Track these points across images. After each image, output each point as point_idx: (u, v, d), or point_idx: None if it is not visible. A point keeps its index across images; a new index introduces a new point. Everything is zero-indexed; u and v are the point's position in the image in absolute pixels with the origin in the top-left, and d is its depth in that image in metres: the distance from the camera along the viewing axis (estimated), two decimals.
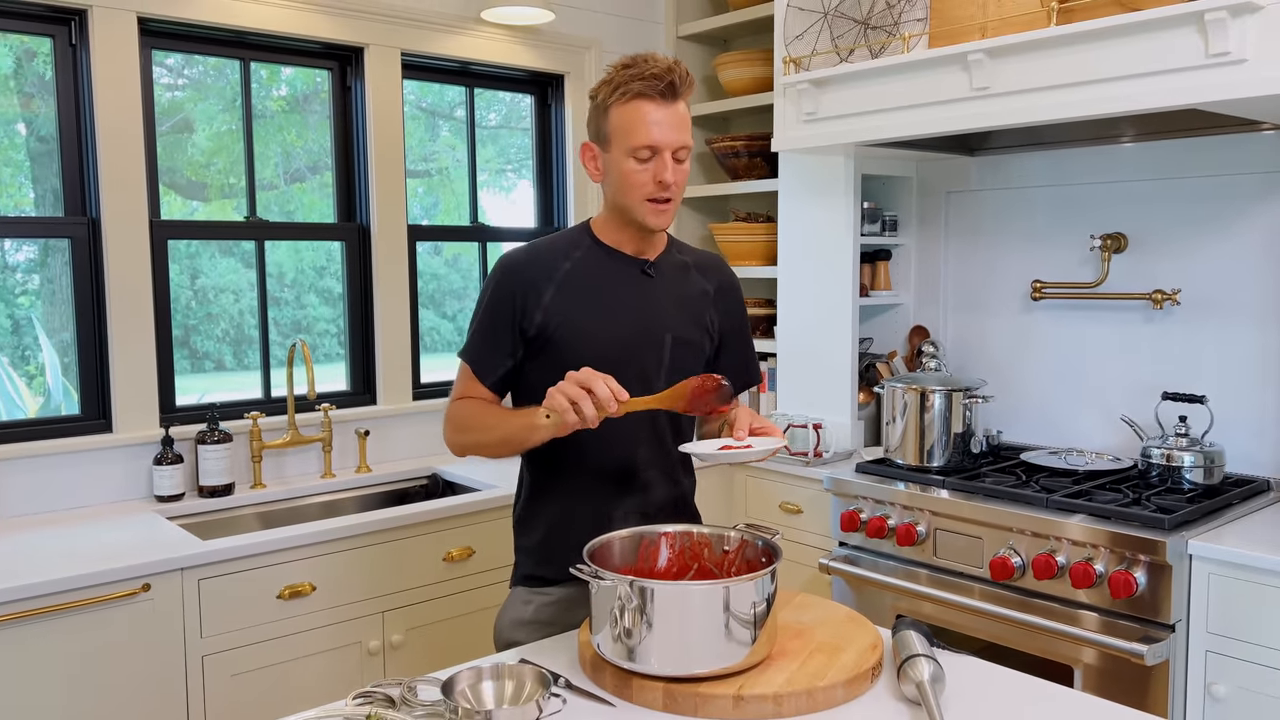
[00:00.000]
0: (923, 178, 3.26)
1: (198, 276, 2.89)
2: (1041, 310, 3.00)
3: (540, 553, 1.76)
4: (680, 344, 1.75)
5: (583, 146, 1.72)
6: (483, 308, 1.73)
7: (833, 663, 1.42)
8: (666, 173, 1.63)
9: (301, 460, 2.90)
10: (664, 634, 1.35)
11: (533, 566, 1.77)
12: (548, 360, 1.68)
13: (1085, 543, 2.28)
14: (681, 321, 1.77)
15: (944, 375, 2.87)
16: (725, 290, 1.86)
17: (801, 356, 3.24)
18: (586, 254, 1.74)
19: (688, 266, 1.82)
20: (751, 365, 1.93)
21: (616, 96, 1.63)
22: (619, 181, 1.66)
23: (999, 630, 2.43)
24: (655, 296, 1.74)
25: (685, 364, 1.75)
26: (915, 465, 2.78)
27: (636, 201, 1.65)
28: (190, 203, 2.89)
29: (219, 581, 2.22)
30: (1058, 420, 2.97)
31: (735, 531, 1.58)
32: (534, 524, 1.78)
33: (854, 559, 2.74)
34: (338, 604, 2.39)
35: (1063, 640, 2.31)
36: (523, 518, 1.81)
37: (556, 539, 1.73)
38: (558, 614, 1.73)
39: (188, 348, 2.87)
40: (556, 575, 1.73)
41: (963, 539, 2.51)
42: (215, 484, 2.66)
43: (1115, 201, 2.82)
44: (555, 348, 1.68)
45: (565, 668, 1.50)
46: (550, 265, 1.71)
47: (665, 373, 1.73)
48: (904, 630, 1.51)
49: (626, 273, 1.73)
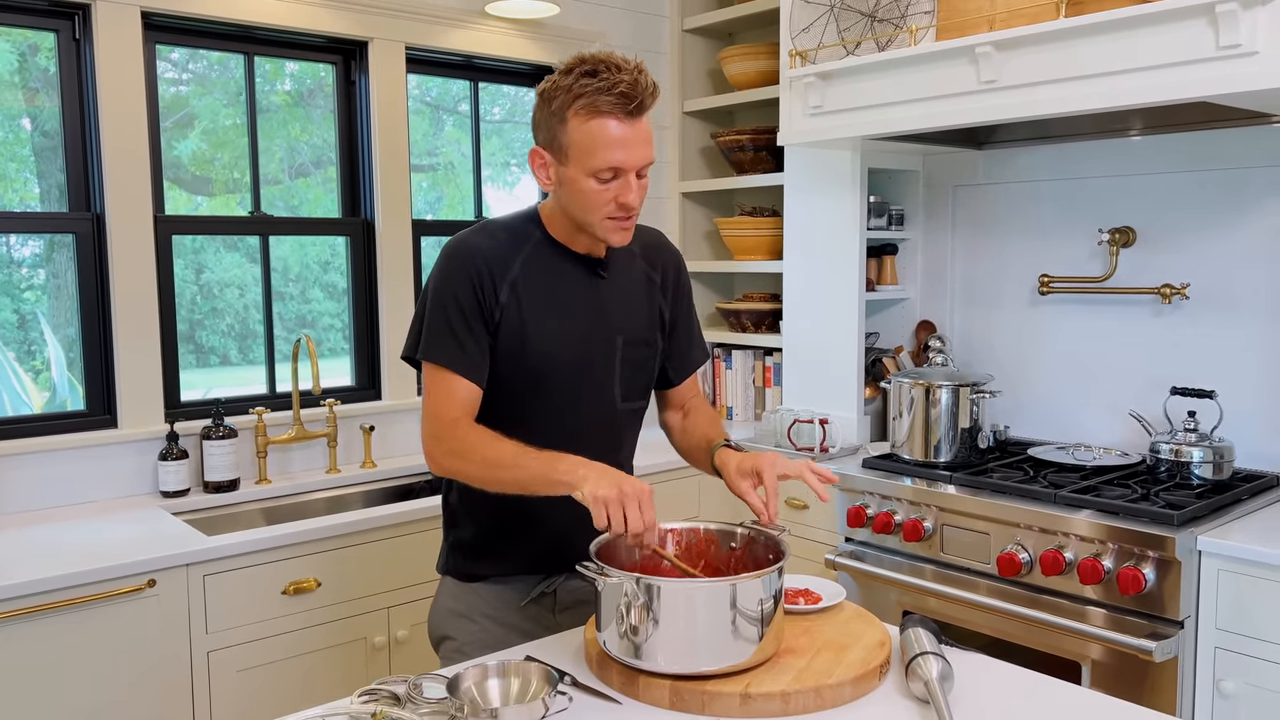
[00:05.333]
0: (929, 171, 3.24)
1: (203, 271, 2.89)
2: (1049, 305, 2.99)
3: (471, 550, 1.71)
4: (632, 345, 1.70)
5: (531, 153, 1.58)
6: (446, 299, 1.56)
7: (840, 660, 1.42)
8: (631, 194, 1.52)
9: (306, 456, 2.89)
10: (670, 632, 1.34)
11: (462, 561, 1.72)
12: (492, 362, 1.59)
13: (1093, 539, 2.27)
14: (634, 321, 1.70)
15: (951, 370, 2.86)
16: (671, 273, 1.78)
17: (807, 351, 3.23)
18: (537, 249, 1.63)
19: (633, 255, 1.73)
20: (697, 346, 1.86)
21: (578, 109, 1.48)
22: (577, 199, 1.54)
23: (1006, 626, 2.42)
24: (607, 297, 1.66)
25: (638, 364, 1.71)
26: (922, 460, 2.76)
27: (597, 221, 1.55)
28: (195, 198, 2.89)
29: (224, 577, 2.22)
30: (1065, 416, 2.95)
31: (742, 529, 1.57)
32: (466, 519, 1.71)
33: (860, 555, 2.73)
34: (343, 600, 2.39)
35: (1070, 637, 2.30)
36: (454, 509, 1.73)
37: (489, 540, 1.69)
38: (491, 608, 1.69)
39: (193, 343, 2.87)
40: (487, 573, 1.70)
41: (970, 535, 2.50)
42: (220, 480, 2.65)
43: (1124, 195, 2.81)
44: (502, 349, 1.59)
45: (571, 664, 1.49)
46: (507, 256, 1.60)
47: (619, 375, 1.68)
48: (912, 627, 1.50)
49: (578, 272, 1.64)
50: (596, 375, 1.66)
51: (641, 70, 1.51)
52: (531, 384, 1.61)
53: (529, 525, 1.63)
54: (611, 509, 1.37)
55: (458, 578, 1.72)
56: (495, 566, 1.69)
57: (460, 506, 1.72)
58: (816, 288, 3.18)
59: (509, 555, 1.68)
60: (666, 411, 1.86)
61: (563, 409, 1.64)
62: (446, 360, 1.57)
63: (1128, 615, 2.22)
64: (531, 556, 1.69)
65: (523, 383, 1.61)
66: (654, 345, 1.74)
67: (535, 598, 1.71)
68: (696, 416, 1.81)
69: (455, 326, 1.57)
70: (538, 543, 1.67)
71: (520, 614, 1.70)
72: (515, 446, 1.50)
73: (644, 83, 1.50)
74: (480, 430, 1.55)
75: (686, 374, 1.84)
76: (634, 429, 1.77)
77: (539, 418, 1.63)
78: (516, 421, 1.58)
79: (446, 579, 1.74)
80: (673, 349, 1.80)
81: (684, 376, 1.83)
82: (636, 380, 1.72)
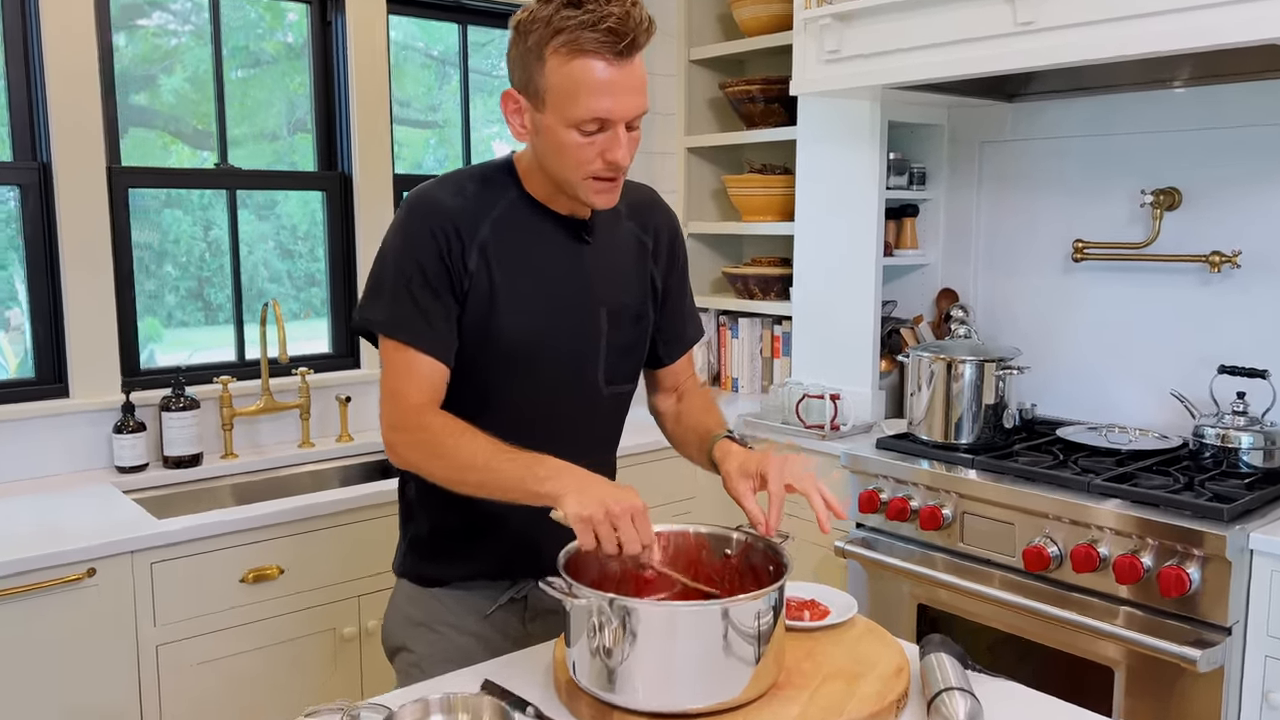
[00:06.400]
0: (955, 126, 2.98)
1: (210, 228, 2.77)
2: (1083, 273, 2.74)
3: (430, 550, 1.50)
4: (618, 317, 1.48)
5: (504, 96, 1.36)
6: (407, 264, 1.35)
7: (851, 692, 1.21)
8: (619, 150, 1.31)
9: (277, 429, 2.69)
10: (650, 662, 1.14)
11: (418, 562, 1.52)
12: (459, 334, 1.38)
13: (1130, 533, 2.05)
14: (620, 290, 1.48)
15: (974, 343, 2.63)
16: (665, 237, 1.55)
17: (819, 320, 3.00)
18: (512, 207, 1.40)
19: (620, 216, 1.51)
20: (692, 321, 1.64)
21: (558, 47, 1.26)
22: (555, 152, 1.32)
23: (1031, 626, 2.21)
24: (591, 265, 1.44)
25: (626, 342, 1.49)
26: (941, 442, 2.54)
27: (578, 179, 1.33)
28: (200, 153, 2.73)
29: (174, 565, 2.03)
30: (1098, 394, 2.72)
31: (738, 534, 1.35)
32: (423, 515, 1.51)
33: (872, 542, 2.52)
34: (309, 588, 2.20)
35: (1103, 640, 2.09)
36: (410, 503, 1.53)
37: (449, 539, 1.48)
38: (452, 616, 1.49)
39: (201, 299, 2.74)
40: (448, 576, 1.50)
41: (993, 524, 2.28)
42: (181, 454, 2.46)
43: (1168, 153, 2.55)
44: (468, 324, 1.37)
45: (539, 689, 1.29)
46: (476, 215, 1.38)
47: (603, 355, 1.47)
48: (934, 651, 1.29)
49: (558, 236, 1.42)
50: (577, 355, 1.45)
51: (635, 2, 1.28)
52: (500, 365, 1.40)
53: (495, 524, 1.42)
54: (599, 530, 1.17)
55: (415, 581, 1.51)
56: (457, 569, 1.49)
57: (417, 500, 1.51)
58: (830, 252, 2.94)
59: (472, 557, 1.48)
60: (657, 395, 1.64)
61: (537, 395, 1.43)
62: (410, 336, 1.35)
63: (1169, 619, 2.01)
64: (498, 559, 1.48)
65: (490, 364, 1.40)
66: (644, 320, 1.52)
67: (503, 605, 1.50)
68: (691, 401, 1.59)
69: (419, 297, 1.35)
70: (504, 544, 1.46)
71: (486, 623, 1.49)
72: (489, 445, 1.28)
73: (637, 17, 1.27)
74: (448, 421, 1.33)
75: (680, 353, 1.62)
76: (619, 417, 1.55)
77: (508, 404, 1.42)
78: (481, 408, 1.37)
79: (403, 582, 1.53)
80: (665, 324, 1.58)
81: (677, 355, 1.61)
82: (623, 361, 1.50)
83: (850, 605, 1.43)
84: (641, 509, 1.18)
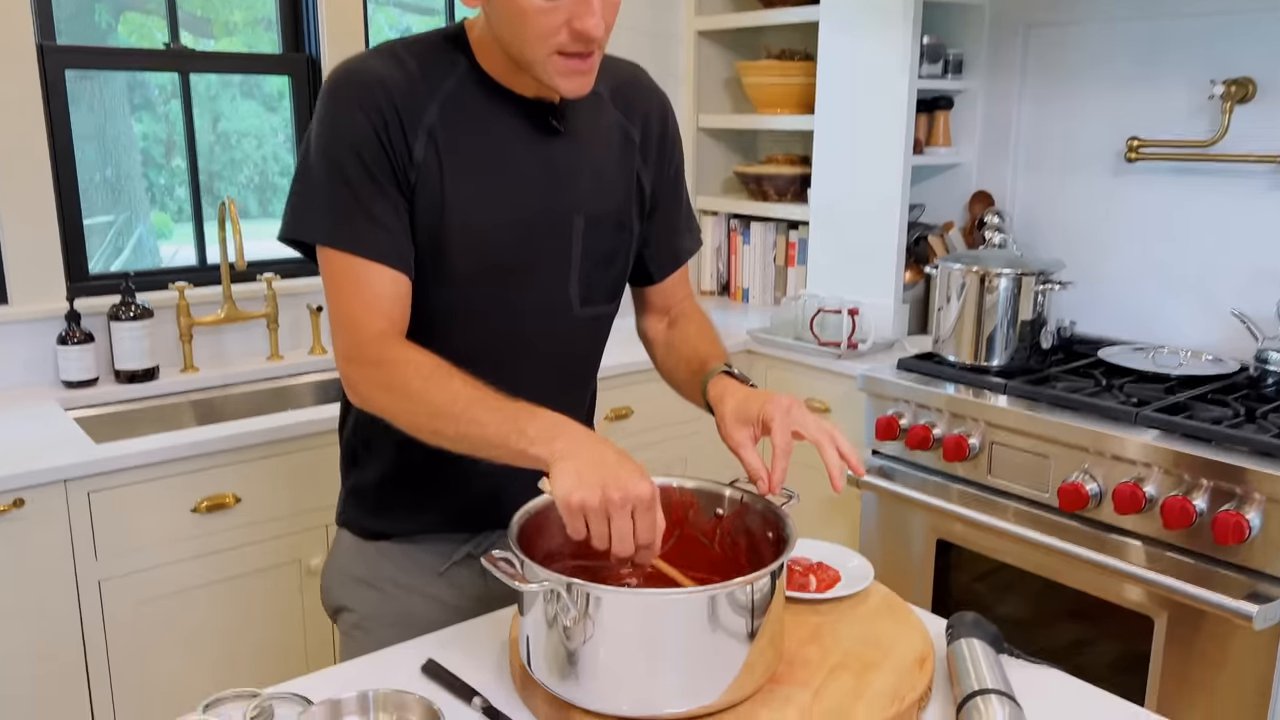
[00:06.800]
0: (998, 7, 2.65)
1: (219, 120, 2.63)
2: (1137, 174, 2.45)
3: (376, 500, 1.29)
4: (597, 226, 1.22)
5: None
6: (341, 153, 1.09)
7: (863, 688, 1.00)
8: (590, 18, 1.03)
9: (243, 340, 2.47)
10: (618, 659, 0.93)
11: (361, 514, 1.30)
12: None
13: (1182, 472, 1.82)
14: (600, 194, 1.22)
15: (1011, 254, 2.36)
16: (655, 126, 1.28)
17: (838, 225, 2.72)
18: (462, 85, 1.13)
19: (600, 99, 1.24)
20: (688, 232, 1.37)
21: None
22: (512, 21, 1.05)
23: (1062, 568, 2.00)
24: (563, 159, 1.19)
25: (605, 254, 1.25)
26: (969, 363, 2.30)
27: (540, 56, 1.06)
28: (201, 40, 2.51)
29: (115, 494, 1.83)
30: (1147, 311, 2.46)
31: (732, 490, 1.13)
32: (366, 461, 1.28)
33: (889, 472, 2.31)
34: (270, 517, 2.01)
35: (1144, 587, 1.88)
36: (352, 443, 1.30)
37: (398, 487, 1.26)
38: (401, 574, 1.28)
39: (211, 194, 2.56)
40: (396, 530, 1.28)
41: (1025, 457, 2.06)
42: (134, 368, 2.24)
43: (1241, 37, 2.23)
44: (424, 225, 1.12)
45: (492, 670, 1.08)
46: (421, 91, 1.11)
47: (578, 269, 1.22)
48: (965, 635, 1.07)
49: (519, 123, 1.16)
50: (546, 269, 1.20)
51: None
52: (449, 284, 1.16)
53: (454, 470, 1.18)
54: (592, 521, 0.93)
55: (359, 534, 1.30)
56: (407, 523, 1.28)
57: (361, 442, 1.29)
58: (853, 148, 2.65)
59: (426, 508, 1.27)
60: (645, 317, 1.40)
61: (494, 319, 1.19)
62: (356, 244, 1.09)
63: (1222, 569, 1.80)
64: (456, 510, 1.27)
65: (438, 282, 1.15)
66: (627, 227, 1.27)
67: (459, 561, 1.29)
68: (686, 327, 1.34)
69: (360, 193, 1.09)
70: (465, 493, 1.24)
71: (441, 581, 1.29)
72: (468, 389, 1.03)
73: None
74: (417, 356, 1.08)
75: (673, 268, 1.37)
76: (596, 345, 1.32)
77: (461, 329, 1.18)
78: (428, 334, 1.14)
79: (343, 533, 1.32)
80: (654, 235, 1.33)
81: (669, 271, 1.36)
82: (602, 277, 1.26)
83: (865, 572, 1.21)
84: (647, 499, 0.93)
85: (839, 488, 1.03)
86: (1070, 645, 2.05)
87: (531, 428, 0.98)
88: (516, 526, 1.01)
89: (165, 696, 1.93)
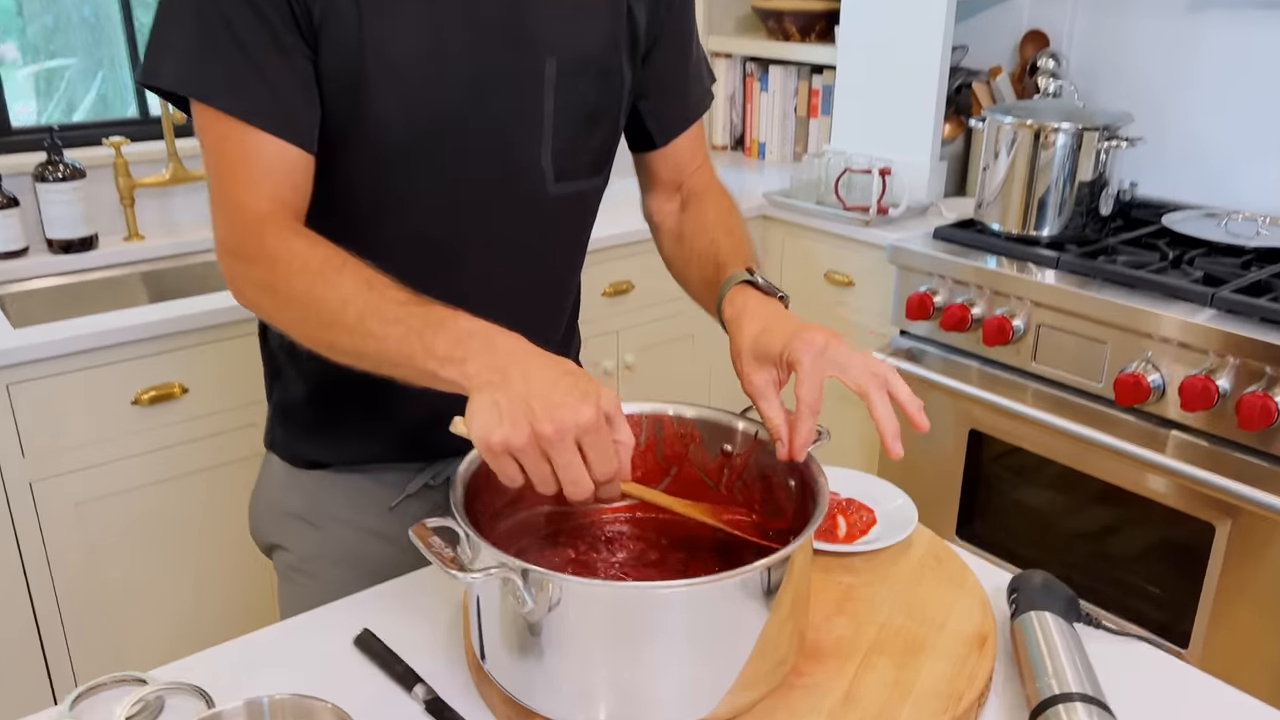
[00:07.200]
0: None
1: None
2: (1217, 10, 2.10)
3: (307, 422, 1.05)
4: (575, 76, 0.93)
5: None
6: None
7: (908, 682, 0.78)
8: None
9: (194, 204, 2.19)
10: (593, 665, 0.71)
11: (293, 439, 1.06)
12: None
13: (1263, 365, 1.58)
14: (577, 29, 0.93)
15: (1069, 105, 2.04)
16: None
17: (869, 71, 2.39)
18: None
19: None
20: (697, 82, 1.08)
21: None
22: None
23: (1115, 467, 1.79)
24: None
25: (587, 112, 0.96)
26: (1016, 234, 2.02)
27: None
28: None
29: (39, 386, 1.61)
30: (1221, 172, 2.16)
31: (746, 422, 0.89)
32: (291, 372, 1.04)
33: (919, 354, 2.07)
34: (220, 409, 1.79)
35: (1207, 490, 1.67)
36: (272, 353, 1.06)
37: (331, 407, 1.02)
38: (343, 509, 1.05)
39: (146, 31, 2.13)
40: (334, 459, 1.05)
41: (1078, 342, 1.81)
42: (68, 237, 1.99)
43: None
44: (336, 78, 0.85)
45: (440, 654, 0.87)
46: None
47: (551, 132, 0.94)
48: (1034, 608, 0.85)
49: None
50: (508, 133, 0.92)
51: None
52: (379, 154, 0.89)
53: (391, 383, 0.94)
54: (527, 463, 0.69)
55: (291, 461, 1.07)
56: (346, 449, 1.04)
57: (280, 345, 1.04)
58: None
59: (368, 432, 1.03)
60: (651, 195, 1.12)
61: (439, 201, 0.92)
62: (237, 103, 0.82)
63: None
64: (401, 434, 1.03)
65: (360, 154, 0.88)
66: (616, 78, 0.97)
67: (415, 494, 1.07)
68: (702, 211, 1.06)
69: (244, 35, 0.81)
70: (407, 413, 1.00)
71: (391, 517, 1.06)
72: (366, 290, 0.78)
73: None
74: (306, 248, 0.82)
75: (680, 129, 1.08)
76: (578, 233, 1.05)
77: (396, 220, 0.92)
78: (352, 230, 0.87)
79: (273, 459, 1.09)
80: (654, 86, 1.03)
81: (676, 133, 1.07)
82: (584, 141, 0.98)
83: (908, 517, 0.98)
84: (590, 423, 0.69)
85: (896, 452, 0.78)
86: (1107, 538, 1.86)
87: (440, 343, 0.73)
88: (464, 477, 0.77)
89: (118, 596, 1.77)
